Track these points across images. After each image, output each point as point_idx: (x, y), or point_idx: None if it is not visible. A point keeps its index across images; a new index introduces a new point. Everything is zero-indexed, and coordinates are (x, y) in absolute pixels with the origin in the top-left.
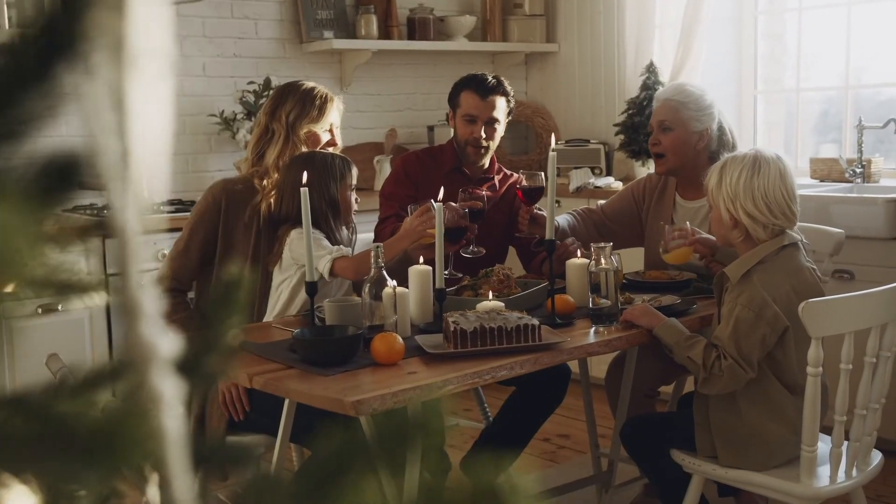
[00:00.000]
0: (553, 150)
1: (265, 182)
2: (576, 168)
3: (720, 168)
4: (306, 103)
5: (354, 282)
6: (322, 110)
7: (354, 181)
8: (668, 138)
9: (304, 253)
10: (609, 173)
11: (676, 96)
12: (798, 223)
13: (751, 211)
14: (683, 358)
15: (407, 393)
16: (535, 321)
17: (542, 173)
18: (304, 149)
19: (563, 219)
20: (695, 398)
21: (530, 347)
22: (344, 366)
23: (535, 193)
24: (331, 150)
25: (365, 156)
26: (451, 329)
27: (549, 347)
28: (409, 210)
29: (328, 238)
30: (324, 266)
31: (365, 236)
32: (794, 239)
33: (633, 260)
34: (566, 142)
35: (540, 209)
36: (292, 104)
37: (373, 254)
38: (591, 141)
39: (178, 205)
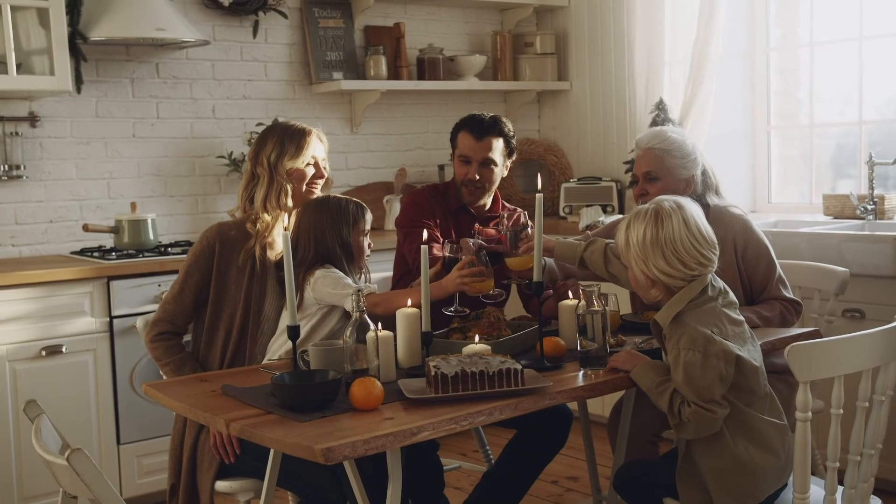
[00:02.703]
0: (539, 192)
1: (258, 226)
2: (587, 206)
3: (625, 227)
4: (284, 141)
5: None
6: (300, 145)
7: (368, 227)
8: (655, 188)
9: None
10: (621, 211)
11: (660, 144)
12: (803, 262)
13: (664, 269)
14: (657, 404)
15: (380, 440)
16: (518, 365)
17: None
18: (289, 187)
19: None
20: (680, 455)
21: (511, 392)
22: (323, 411)
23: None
24: (320, 182)
25: (375, 195)
26: (432, 373)
27: (530, 392)
28: (445, 246)
29: None
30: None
31: (380, 276)
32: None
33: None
34: (578, 179)
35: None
36: (272, 145)
37: (353, 298)
38: (604, 178)
39: (186, 246)
